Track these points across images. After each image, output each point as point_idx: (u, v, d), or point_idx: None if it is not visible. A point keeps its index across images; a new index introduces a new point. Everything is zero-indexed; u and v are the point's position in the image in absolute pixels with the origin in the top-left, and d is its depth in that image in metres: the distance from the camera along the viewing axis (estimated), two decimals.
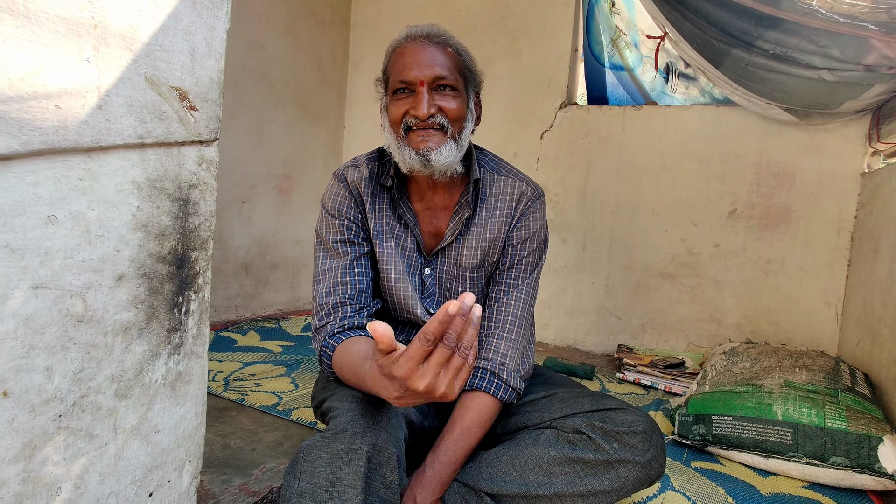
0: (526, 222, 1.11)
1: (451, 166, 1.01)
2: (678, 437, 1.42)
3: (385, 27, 2.98)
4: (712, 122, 2.27)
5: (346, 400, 0.90)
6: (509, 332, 1.06)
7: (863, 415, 1.28)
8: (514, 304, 1.08)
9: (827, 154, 2.10)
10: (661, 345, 2.38)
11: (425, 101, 0.97)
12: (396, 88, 1.00)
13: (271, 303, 2.68)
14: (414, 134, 0.99)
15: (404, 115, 0.99)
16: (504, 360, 1.03)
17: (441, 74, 0.98)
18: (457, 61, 1.03)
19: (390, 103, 1.02)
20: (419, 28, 1.03)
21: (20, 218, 0.56)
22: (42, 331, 0.59)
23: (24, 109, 0.55)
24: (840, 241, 2.09)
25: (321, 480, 0.75)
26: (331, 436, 0.80)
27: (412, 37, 1.02)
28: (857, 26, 1.34)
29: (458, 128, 1.01)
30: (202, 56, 0.74)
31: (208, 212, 0.79)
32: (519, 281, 1.10)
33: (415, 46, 1.00)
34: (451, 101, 1.00)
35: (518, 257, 1.11)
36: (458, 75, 1.02)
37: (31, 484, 0.59)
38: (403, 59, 1.00)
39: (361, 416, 0.84)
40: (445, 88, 1.00)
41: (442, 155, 0.98)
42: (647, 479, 0.94)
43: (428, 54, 0.99)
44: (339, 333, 0.99)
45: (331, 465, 0.76)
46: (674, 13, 1.84)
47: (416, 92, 0.98)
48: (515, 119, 2.62)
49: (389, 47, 1.05)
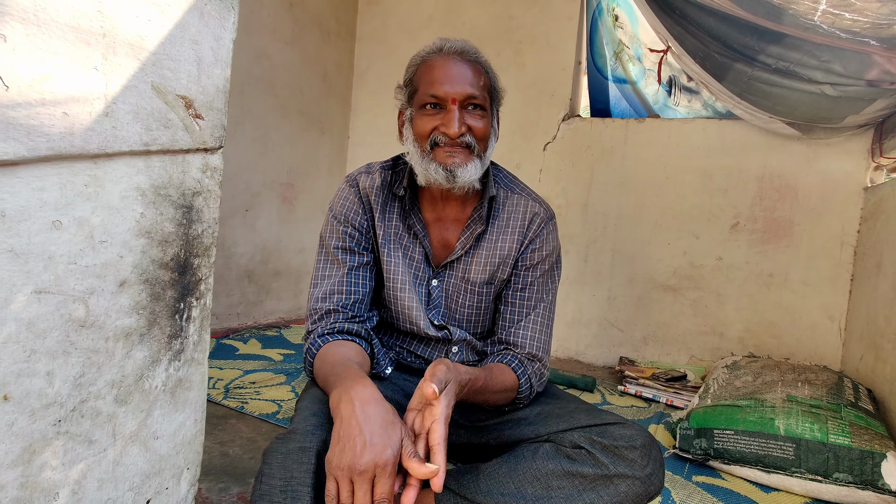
0: (539, 244, 1.10)
1: (473, 182, 1.01)
2: (680, 451, 1.40)
3: (391, 39, 3.01)
4: (715, 136, 2.28)
5: (309, 401, 0.90)
6: (532, 353, 1.07)
7: (866, 430, 1.27)
8: (533, 327, 1.08)
9: (829, 168, 2.10)
10: (662, 357, 2.37)
11: (457, 121, 0.97)
12: (426, 103, 0.99)
13: (273, 311, 2.69)
14: (440, 150, 0.99)
15: (432, 130, 0.99)
16: (531, 364, 1.06)
17: (473, 94, 0.98)
18: (486, 80, 1.03)
19: (417, 116, 1.01)
20: (453, 43, 1.02)
21: (25, 223, 0.57)
22: (44, 335, 0.59)
23: (32, 116, 0.56)
24: (843, 255, 2.08)
25: (276, 481, 0.75)
26: (284, 436, 0.80)
27: (446, 51, 1.01)
28: (858, 42, 1.35)
29: (483, 147, 1.02)
30: (209, 65, 0.74)
31: (212, 219, 0.79)
32: (537, 302, 1.10)
33: (447, 61, 1.00)
34: (479, 120, 1.00)
35: (532, 278, 1.10)
36: (486, 94, 1.02)
37: (28, 489, 0.59)
38: (435, 74, 0.99)
39: (314, 415, 0.84)
40: (476, 108, 1.00)
41: (468, 172, 0.98)
42: (647, 494, 0.93)
43: (461, 71, 0.99)
44: (328, 335, 1.00)
45: (284, 465, 0.76)
46: (677, 27, 1.86)
47: (448, 109, 0.98)
48: (519, 130, 2.64)
49: (417, 57, 1.04)
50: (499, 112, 1.10)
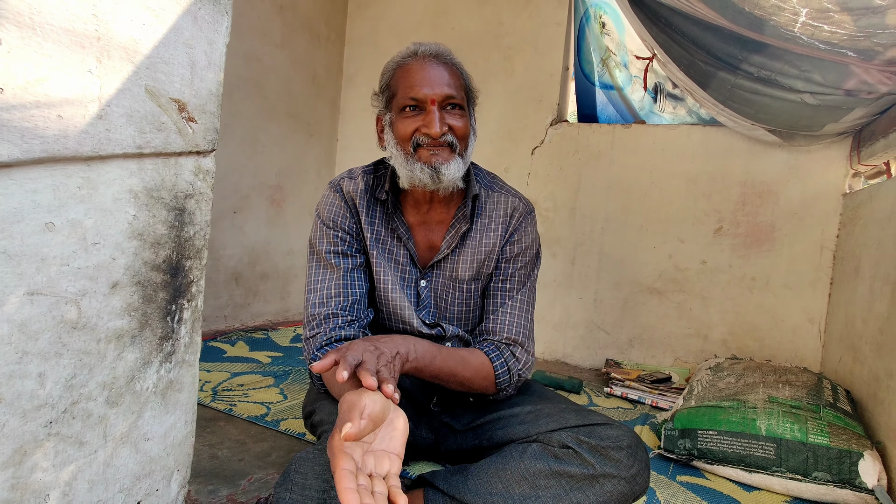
0: (519, 236, 1.14)
1: (456, 181, 1.04)
2: (664, 452, 1.43)
3: (380, 43, 3.02)
4: (699, 142, 2.32)
5: (336, 414, 0.90)
6: (511, 337, 1.09)
7: (844, 430, 1.30)
8: (510, 312, 1.11)
9: (810, 175, 2.16)
10: (648, 360, 2.40)
11: (438, 120, 0.99)
12: (406, 105, 1.02)
13: (261, 313, 2.67)
14: (423, 150, 1.01)
15: (414, 132, 1.01)
16: (510, 351, 1.08)
17: (451, 94, 1.01)
18: (461, 80, 1.05)
19: (398, 119, 1.03)
20: (427, 46, 1.04)
21: (18, 224, 0.57)
22: (36, 337, 0.59)
23: (27, 118, 0.56)
24: (823, 259, 2.13)
25: (312, 493, 0.75)
26: (322, 448, 0.80)
27: (421, 55, 1.03)
28: (836, 53, 1.39)
29: (464, 145, 1.04)
30: (202, 69, 0.75)
31: (203, 221, 0.79)
32: (514, 292, 1.13)
33: (424, 64, 1.02)
34: (458, 119, 1.03)
35: (512, 270, 1.14)
36: (463, 94, 1.05)
37: (19, 491, 0.59)
38: (413, 77, 1.01)
39: None
40: (454, 108, 1.02)
41: (451, 170, 1.01)
42: (632, 493, 0.95)
43: (438, 73, 1.01)
44: (328, 345, 1.00)
45: (323, 477, 0.76)
46: (662, 35, 1.90)
47: (427, 111, 1.00)
48: (507, 135, 2.66)
49: (393, 63, 1.06)
50: (475, 111, 1.13)
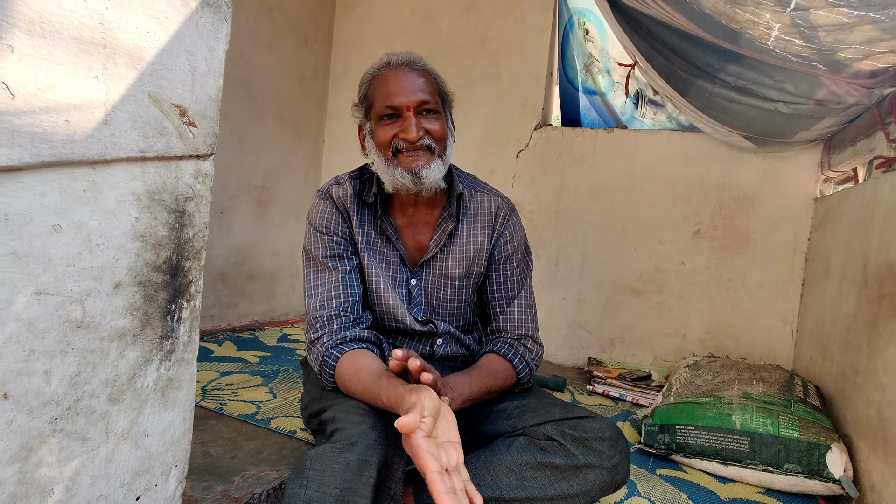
0: (509, 235, 1.20)
1: (438, 182, 1.08)
2: (644, 446, 1.48)
3: (367, 45, 3.04)
4: (679, 147, 2.39)
5: (354, 412, 0.92)
6: (521, 332, 1.18)
7: (813, 424, 1.37)
8: (517, 310, 1.19)
9: (783, 180, 2.24)
10: (629, 358, 2.47)
11: (414, 126, 1.04)
12: (383, 114, 1.06)
13: (247, 313, 2.67)
14: (403, 155, 1.05)
15: (393, 138, 1.05)
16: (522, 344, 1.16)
17: (425, 99, 1.06)
18: (434, 85, 1.10)
19: (377, 127, 1.08)
20: (399, 56, 1.09)
21: (27, 226, 0.59)
22: (43, 335, 0.61)
23: (37, 123, 0.58)
24: (795, 261, 2.22)
25: (331, 490, 0.76)
26: (343, 447, 0.82)
27: (393, 65, 1.08)
28: (808, 65, 1.46)
29: (442, 147, 1.09)
30: (202, 75, 0.77)
31: (202, 223, 0.82)
32: (517, 290, 1.20)
33: (397, 73, 1.06)
34: (434, 122, 1.07)
35: (510, 270, 1.20)
36: (437, 98, 1.10)
37: (25, 485, 0.61)
38: (387, 86, 1.06)
39: (373, 429, 0.86)
40: (429, 112, 1.07)
41: (431, 173, 1.05)
42: (613, 483, 0.99)
43: (411, 80, 1.06)
44: (342, 345, 1.03)
45: (342, 476, 0.78)
46: (643, 43, 1.96)
47: (404, 117, 1.05)
48: (492, 138, 2.71)
49: (368, 74, 1.11)
50: (451, 113, 1.17)
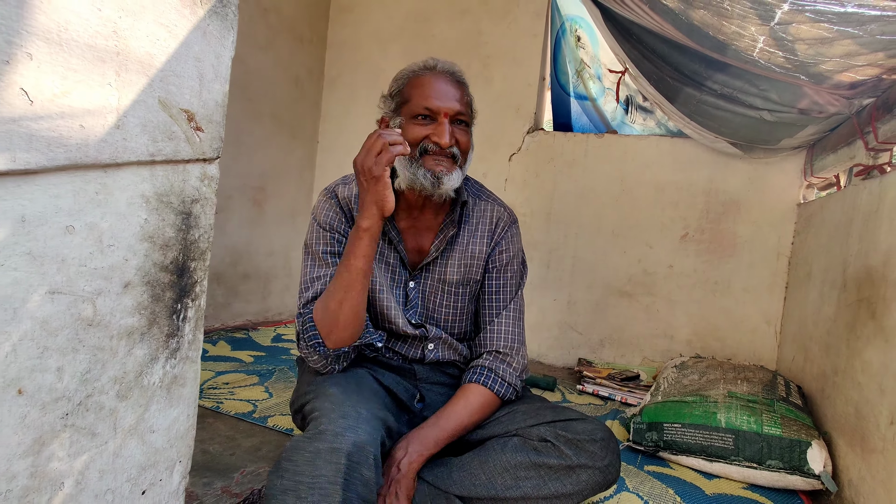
0: (505, 245, 1.21)
1: (452, 190, 1.11)
2: (633, 444, 1.52)
3: (362, 48, 3.06)
4: (667, 152, 2.45)
5: (327, 402, 0.95)
6: (505, 347, 1.18)
7: (795, 422, 1.41)
8: (504, 322, 1.19)
9: (768, 185, 2.30)
10: (618, 359, 2.51)
11: (448, 132, 1.07)
12: (419, 114, 1.08)
13: (241, 313, 2.68)
14: (430, 157, 1.08)
15: (423, 139, 1.08)
16: (502, 360, 1.17)
17: (461, 110, 1.09)
18: (468, 99, 1.14)
19: (408, 125, 1.10)
20: (444, 63, 1.12)
21: (42, 227, 0.61)
22: (56, 333, 0.63)
23: (53, 128, 0.60)
24: (779, 265, 2.28)
25: (303, 478, 0.79)
26: (312, 435, 0.85)
27: (437, 70, 1.11)
28: (791, 76, 1.51)
29: (465, 158, 1.12)
30: (209, 81, 0.79)
31: (207, 225, 0.84)
32: (507, 302, 1.21)
33: (439, 79, 1.09)
34: (464, 134, 1.11)
35: (502, 280, 1.21)
36: (469, 111, 1.13)
37: (37, 478, 0.63)
38: (429, 89, 1.08)
39: (342, 418, 0.89)
40: (461, 123, 1.10)
41: (451, 180, 1.08)
42: (605, 482, 1.03)
43: (452, 89, 1.09)
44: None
45: (313, 463, 0.80)
46: (634, 51, 2.00)
47: (439, 122, 1.07)
48: (486, 141, 2.74)
49: (408, 72, 1.13)
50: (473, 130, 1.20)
